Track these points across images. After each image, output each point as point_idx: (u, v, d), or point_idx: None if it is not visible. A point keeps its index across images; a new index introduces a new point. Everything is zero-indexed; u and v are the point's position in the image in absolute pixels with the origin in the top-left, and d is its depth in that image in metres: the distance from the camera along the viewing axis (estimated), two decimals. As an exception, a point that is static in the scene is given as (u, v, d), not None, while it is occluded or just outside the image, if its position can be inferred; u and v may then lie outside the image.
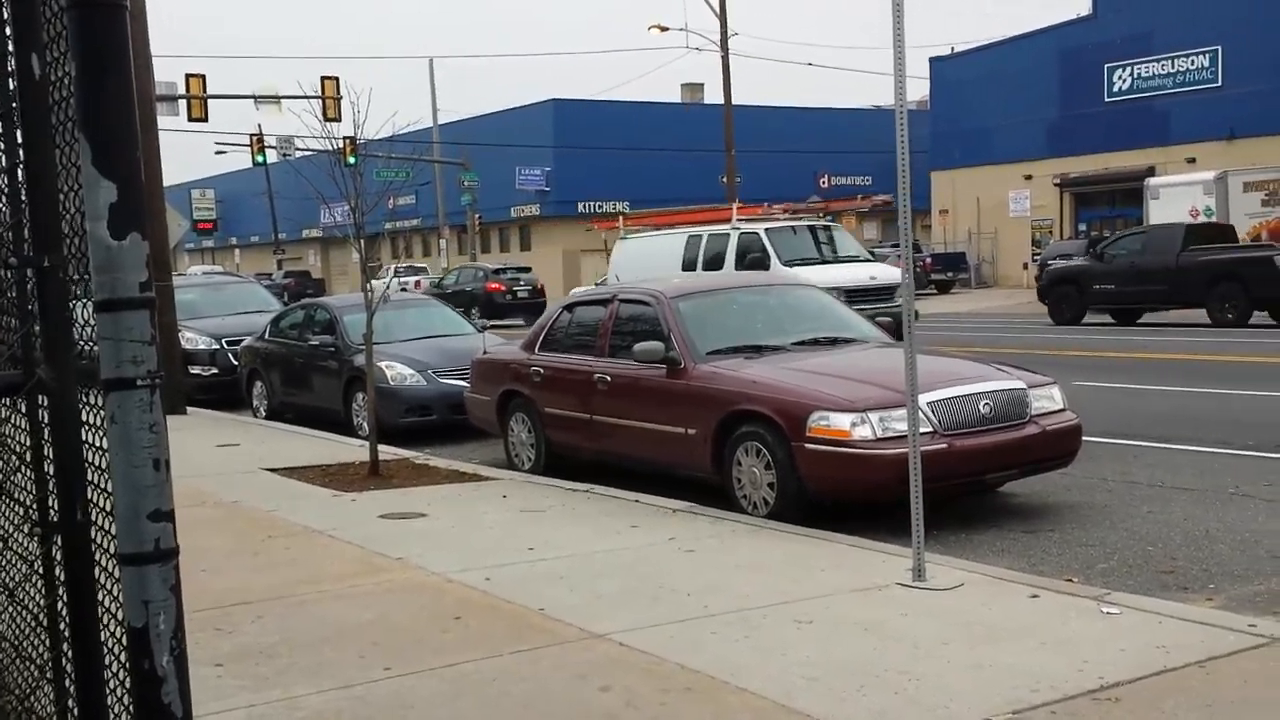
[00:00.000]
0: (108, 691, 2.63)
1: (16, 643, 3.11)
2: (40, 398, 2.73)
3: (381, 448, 11.28)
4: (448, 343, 15.22)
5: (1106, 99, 46.16)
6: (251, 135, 52.11)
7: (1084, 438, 9.33)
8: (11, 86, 2.66)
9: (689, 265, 23.95)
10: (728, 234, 23.91)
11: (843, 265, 22.65)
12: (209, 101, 40.93)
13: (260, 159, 53.34)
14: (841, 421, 8.28)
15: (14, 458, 3.07)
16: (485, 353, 12.73)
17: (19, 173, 2.70)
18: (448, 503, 9.54)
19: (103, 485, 2.54)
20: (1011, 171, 49.09)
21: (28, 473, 2.94)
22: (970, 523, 8.70)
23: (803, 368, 9.19)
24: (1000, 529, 8.55)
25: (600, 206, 64.33)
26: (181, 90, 40.26)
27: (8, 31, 2.66)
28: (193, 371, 18.51)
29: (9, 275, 2.84)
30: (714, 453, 9.10)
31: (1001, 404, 8.73)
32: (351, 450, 12.42)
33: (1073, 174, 47.40)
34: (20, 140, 2.64)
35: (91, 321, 2.22)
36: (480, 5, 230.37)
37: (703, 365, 9.46)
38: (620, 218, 28.46)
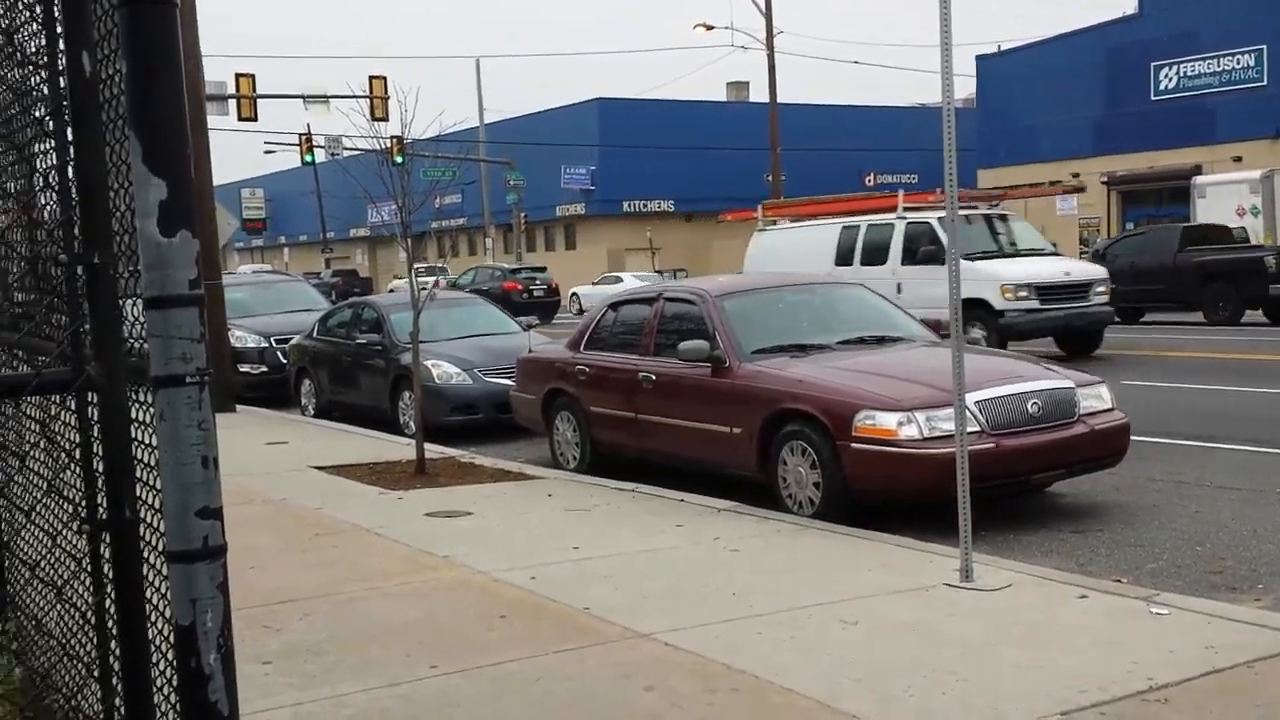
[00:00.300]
0: (154, 689, 2.64)
1: (64, 640, 3.14)
2: (89, 395, 2.75)
3: (428, 446, 11.32)
4: (493, 341, 15.26)
5: (1153, 97, 45.73)
6: (300, 135, 52.55)
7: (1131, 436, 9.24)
8: (62, 85, 2.69)
9: (843, 259, 21.26)
10: (892, 224, 21.09)
11: (1029, 259, 20.24)
12: (258, 101, 41.28)
13: (309, 158, 53.78)
14: (887, 421, 8.23)
15: (63, 455, 3.09)
16: (531, 351, 12.76)
17: (69, 170, 2.72)
18: (493, 501, 9.56)
19: (151, 482, 2.56)
20: (1058, 170, 48.54)
21: (77, 470, 2.96)
22: (1018, 523, 8.63)
23: (848, 367, 9.14)
24: (1048, 529, 8.47)
25: (645, 205, 64.45)
26: (231, 90, 40.64)
27: (58, 30, 2.69)
28: (242, 369, 18.66)
29: (59, 273, 2.87)
30: (759, 452, 9.07)
31: (1050, 403, 8.65)
32: (398, 448, 12.48)
33: (1120, 172, 46.94)
34: (71, 138, 2.66)
35: (141, 318, 2.23)
36: (525, 5, 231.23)
37: (748, 364, 9.43)
38: (759, 207, 25.36)
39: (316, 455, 12.33)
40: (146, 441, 2.56)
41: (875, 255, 20.89)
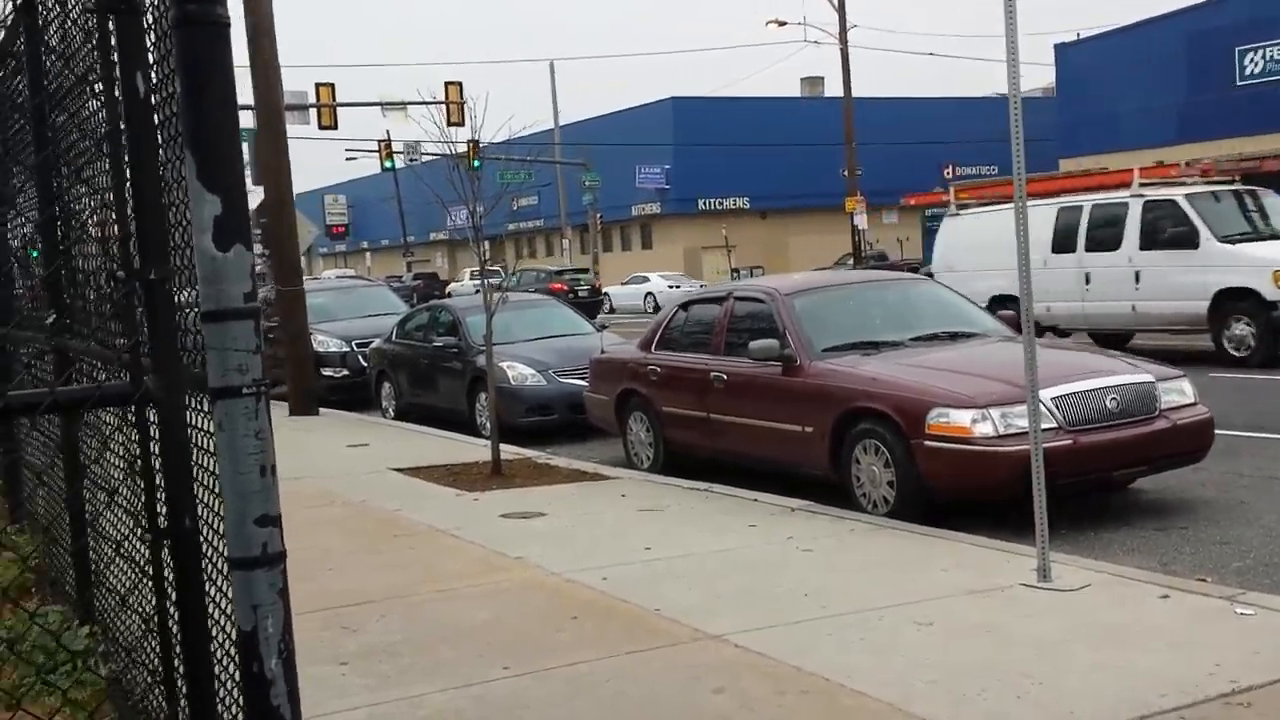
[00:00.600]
0: (219, 693, 2.69)
1: (129, 647, 3.20)
2: (150, 406, 2.80)
3: (504, 447, 11.40)
4: (567, 342, 15.32)
5: (1238, 82, 44.79)
6: (380, 142, 53.16)
7: (1216, 431, 9.04)
8: (119, 106, 2.74)
9: (1062, 245, 18.59)
10: (1125, 203, 18.39)
11: None
12: (338, 110, 41.80)
13: (389, 164, 54.37)
14: (962, 418, 8.14)
15: (125, 465, 3.16)
16: (603, 352, 12.80)
17: (126, 189, 2.78)
18: (567, 502, 9.60)
19: (214, 488, 2.60)
20: (1142, 158, 47.59)
21: (138, 480, 3.02)
22: (1099, 520, 8.49)
23: (921, 364, 9.05)
24: (1130, 527, 8.32)
25: (721, 203, 64.33)
26: (311, 99, 41.19)
27: (114, 56, 2.74)
28: (324, 373, 18.90)
29: (119, 288, 2.93)
30: (831, 450, 9.01)
31: (1129, 398, 8.50)
32: (475, 450, 12.58)
33: (1205, 160, 46.02)
34: (127, 157, 2.72)
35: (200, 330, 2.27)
36: (600, 6, 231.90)
37: (818, 362, 9.37)
38: (950, 189, 22.81)
39: (395, 457, 12.48)
40: (206, 448, 2.61)
41: (1105, 240, 18.36)
